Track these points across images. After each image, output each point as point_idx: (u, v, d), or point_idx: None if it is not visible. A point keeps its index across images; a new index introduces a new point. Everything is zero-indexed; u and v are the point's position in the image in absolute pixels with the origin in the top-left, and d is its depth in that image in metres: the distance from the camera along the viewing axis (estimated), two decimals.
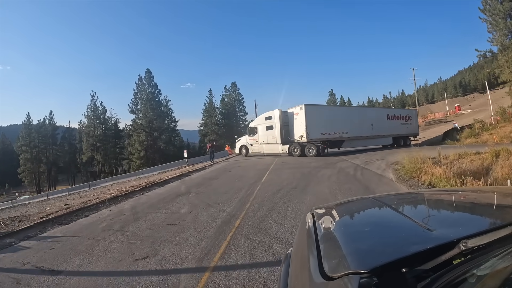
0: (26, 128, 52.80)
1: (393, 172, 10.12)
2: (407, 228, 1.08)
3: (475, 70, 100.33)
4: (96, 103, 48.12)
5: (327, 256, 0.91)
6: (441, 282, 0.69)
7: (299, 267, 1.06)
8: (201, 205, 5.97)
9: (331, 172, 9.82)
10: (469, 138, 21.33)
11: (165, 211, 5.94)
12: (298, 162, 13.19)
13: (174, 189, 8.52)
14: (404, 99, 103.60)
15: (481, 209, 1.32)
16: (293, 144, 16.49)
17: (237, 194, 6.76)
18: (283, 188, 7.09)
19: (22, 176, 52.88)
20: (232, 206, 5.66)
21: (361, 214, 1.53)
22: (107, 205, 7.48)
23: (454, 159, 10.95)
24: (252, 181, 8.49)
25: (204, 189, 7.91)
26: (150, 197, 7.77)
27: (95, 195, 10.20)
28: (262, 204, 5.61)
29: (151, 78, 42.75)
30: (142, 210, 6.31)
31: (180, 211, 5.77)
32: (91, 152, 47.56)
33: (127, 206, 7.00)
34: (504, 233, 0.79)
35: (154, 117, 41.22)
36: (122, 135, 49.12)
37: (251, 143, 18.40)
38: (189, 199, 6.78)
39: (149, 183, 10.30)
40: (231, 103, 50.12)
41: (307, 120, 15.65)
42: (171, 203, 6.59)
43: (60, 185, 54.35)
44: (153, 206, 6.55)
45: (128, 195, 8.33)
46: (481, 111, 42.61)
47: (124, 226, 5.23)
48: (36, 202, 15.06)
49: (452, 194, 1.70)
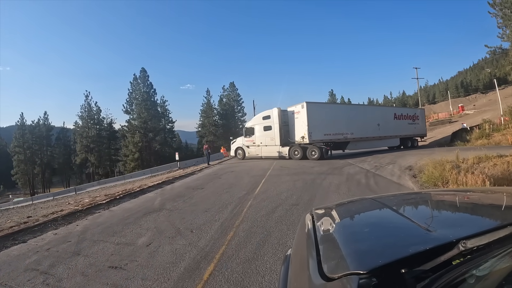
0: (19, 129, 51.47)
1: (411, 180, 8.73)
2: (406, 228, 1.07)
3: (475, 70, 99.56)
4: (90, 103, 46.57)
5: (327, 257, 0.91)
6: (441, 282, 0.68)
7: (299, 268, 1.05)
8: (168, 232, 4.37)
9: (338, 179, 8.24)
10: (480, 139, 20.02)
11: (119, 239, 4.35)
12: (299, 167, 11.61)
13: (147, 202, 6.91)
14: (405, 99, 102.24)
15: (480, 210, 1.32)
16: (293, 146, 14.87)
17: (221, 213, 5.16)
18: (281, 204, 5.48)
19: (15, 178, 51.61)
20: (209, 235, 4.05)
21: (360, 215, 1.51)
22: (58, 224, 5.93)
23: (474, 162, 9.49)
24: (243, 192, 6.89)
25: (182, 204, 6.30)
26: (114, 214, 6.17)
27: (61, 207, 8.64)
28: (251, 232, 4.01)
29: (146, 77, 41.23)
30: (92, 235, 4.73)
31: (137, 241, 4.17)
32: (85, 154, 45.94)
33: (79, 227, 5.42)
34: (503, 233, 0.78)
35: (149, 117, 39.65)
36: (117, 136, 47.46)
37: (248, 145, 16.71)
38: (158, 220, 5.17)
39: (122, 193, 8.70)
40: (229, 104, 48.62)
41: (309, 120, 14.00)
42: (133, 225, 4.99)
43: (54, 187, 53.05)
44: (108, 229, 4.95)
45: (90, 210, 6.75)
46: (486, 111, 41.26)
47: (55, 265, 3.66)
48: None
49: (451, 195, 1.73)
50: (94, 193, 13.73)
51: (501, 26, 26.03)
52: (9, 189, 60.06)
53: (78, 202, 9.31)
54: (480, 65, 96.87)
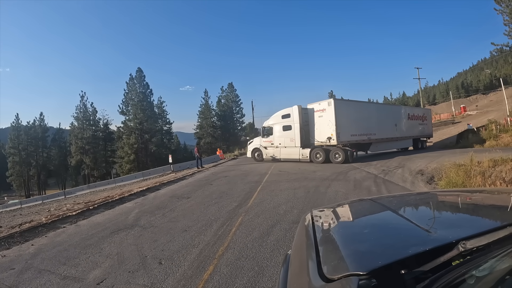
0: (14, 130, 50.59)
1: (427, 187, 7.86)
2: (406, 229, 1.07)
3: (475, 71, 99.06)
4: (86, 104, 45.45)
5: (326, 258, 0.91)
6: (440, 283, 0.69)
7: (298, 269, 1.04)
8: (131, 262, 3.35)
9: (345, 187, 7.23)
10: (488, 140, 19.16)
11: (68, 270, 3.35)
12: (299, 171, 10.59)
13: (121, 215, 5.86)
14: (405, 100, 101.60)
15: (480, 210, 1.31)
16: (315, 148, 13.47)
17: (203, 234, 4.14)
18: (279, 221, 4.45)
19: (10, 180, 50.62)
20: (180, 270, 3.03)
21: (360, 216, 1.51)
22: (14, 241, 5.00)
23: (489, 166, 8.55)
24: (234, 204, 5.86)
25: (160, 219, 5.26)
26: (79, 230, 5.14)
27: (34, 216, 7.63)
28: (237, 267, 2.98)
29: (143, 77, 40.21)
30: (41, 261, 3.75)
31: (88, 275, 3.16)
32: (80, 156, 44.85)
33: (32, 248, 4.43)
34: (503, 234, 0.78)
35: (145, 118, 38.59)
36: (113, 138, 46.33)
37: (265, 146, 15.26)
38: (124, 242, 4.15)
39: (100, 201, 7.68)
40: (227, 105, 47.55)
41: (337, 119, 12.51)
42: (93, 249, 3.98)
43: (50, 189, 52.02)
44: (63, 253, 3.95)
45: (56, 224, 5.74)
46: (489, 112, 40.35)
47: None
48: None
49: (451, 195, 1.73)
50: (79, 199, 12.97)
51: (508, 23, 25.20)
52: (5, 191, 58.99)
53: (55, 210, 8.37)
54: (479, 66, 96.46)
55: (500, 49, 26.99)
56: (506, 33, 25.65)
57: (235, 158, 21.24)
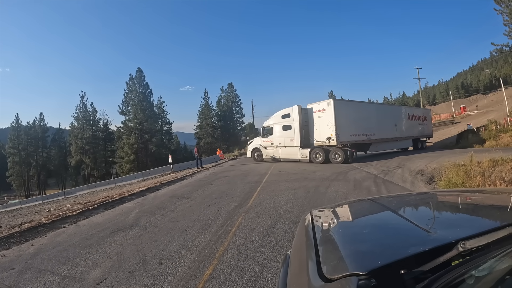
0: (14, 130, 50.57)
1: (427, 187, 7.87)
2: (406, 229, 1.07)
3: (475, 71, 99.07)
4: (85, 104, 45.42)
5: (326, 258, 0.91)
6: (440, 283, 0.69)
7: (298, 269, 1.04)
8: (131, 262, 3.36)
9: (345, 187, 7.24)
10: (488, 140, 19.18)
11: (68, 270, 3.35)
12: (299, 171, 10.60)
13: (121, 215, 5.87)
14: (405, 100, 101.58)
15: (479, 210, 1.31)
16: (314, 148, 13.50)
17: (203, 234, 4.14)
18: (279, 221, 4.46)
19: (10, 180, 50.56)
20: (180, 270, 3.04)
21: (360, 216, 1.50)
22: (14, 241, 4.98)
23: (489, 166, 8.56)
24: (234, 204, 5.87)
25: (160, 219, 5.27)
26: (79, 230, 5.15)
27: (34, 216, 7.63)
28: (237, 267, 2.99)
29: (142, 77, 40.21)
30: (41, 261, 3.76)
31: (88, 275, 3.16)
32: (80, 156, 44.83)
33: (32, 248, 4.44)
34: (502, 234, 0.78)
35: (144, 118, 38.59)
36: (113, 138, 46.32)
37: (265, 146, 15.31)
38: (124, 242, 4.16)
39: (100, 201, 7.69)
40: (227, 105, 47.55)
41: (337, 119, 12.55)
42: (93, 249, 3.98)
43: (50, 189, 51.99)
44: (63, 253, 3.95)
45: (55, 224, 5.75)
46: (489, 112, 40.35)
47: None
48: None
49: (450, 195, 1.72)
50: (79, 199, 12.98)
51: (508, 23, 25.21)
52: (5, 191, 58.95)
53: (55, 210, 8.37)
54: (479, 66, 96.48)
55: (500, 49, 27.04)
56: (506, 33, 25.67)
57: (235, 158, 21.25)
